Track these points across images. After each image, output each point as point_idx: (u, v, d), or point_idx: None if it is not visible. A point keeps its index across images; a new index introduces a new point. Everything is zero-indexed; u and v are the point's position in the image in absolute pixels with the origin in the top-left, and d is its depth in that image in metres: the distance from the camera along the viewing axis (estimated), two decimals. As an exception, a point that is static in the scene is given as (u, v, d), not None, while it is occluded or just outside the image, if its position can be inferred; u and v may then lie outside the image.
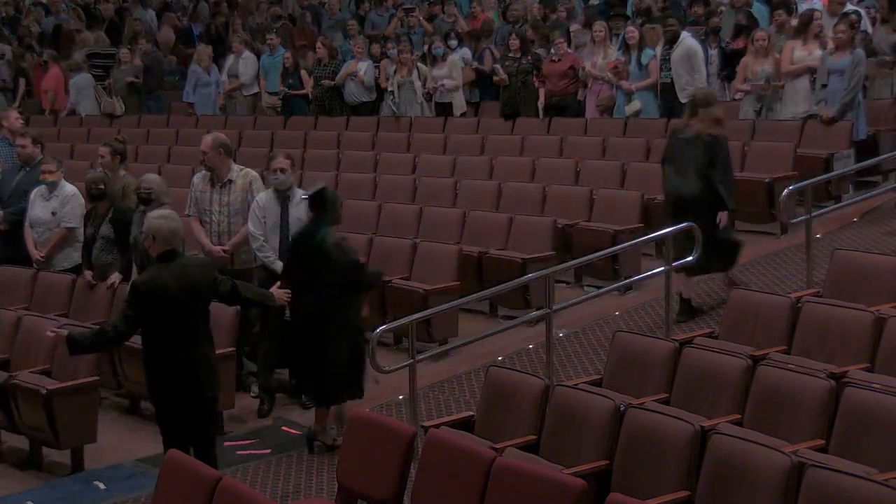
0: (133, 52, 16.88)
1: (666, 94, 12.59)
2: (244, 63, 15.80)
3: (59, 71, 16.85)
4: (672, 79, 12.44)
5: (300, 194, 8.64)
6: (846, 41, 11.10)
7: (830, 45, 11.30)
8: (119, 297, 9.09)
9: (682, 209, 8.66)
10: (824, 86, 11.31)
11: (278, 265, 8.51)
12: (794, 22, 12.38)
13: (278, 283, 7.38)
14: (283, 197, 8.63)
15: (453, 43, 14.90)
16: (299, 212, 8.57)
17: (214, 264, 7.22)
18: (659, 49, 12.65)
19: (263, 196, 8.73)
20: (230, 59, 15.94)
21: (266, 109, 15.97)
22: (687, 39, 12.50)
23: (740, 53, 12.45)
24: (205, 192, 9.04)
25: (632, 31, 13.10)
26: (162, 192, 8.90)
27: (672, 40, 12.50)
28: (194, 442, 6.67)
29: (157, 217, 6.74)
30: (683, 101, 12.34)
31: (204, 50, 16.22)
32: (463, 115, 14.32)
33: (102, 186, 9.46)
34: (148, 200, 8.89)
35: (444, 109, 14.31)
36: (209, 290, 6.67)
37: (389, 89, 14.55)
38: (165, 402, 6.64)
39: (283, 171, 8.58)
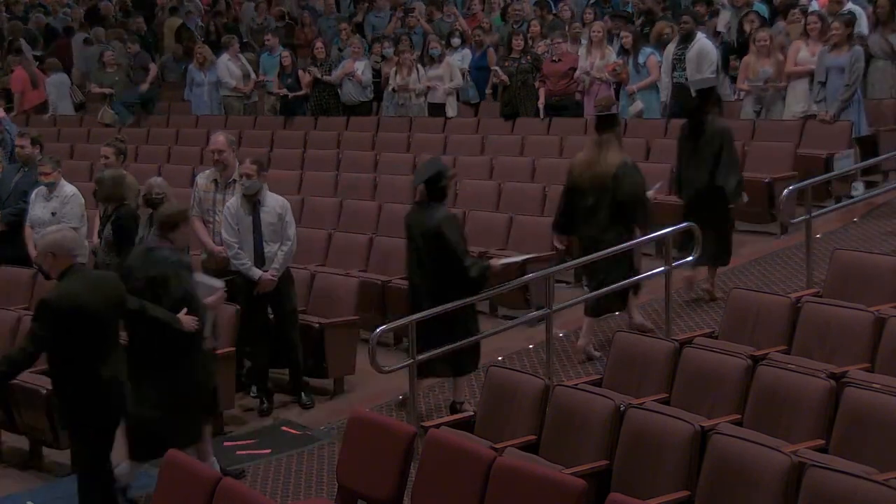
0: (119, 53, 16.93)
1: (680, 95, 12.47)
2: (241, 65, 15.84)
3: (22, 72, 16.82)
4: (686, 78, 12.36)
5: (271, 199, 8.58)
6: (842, 38, 11.13)
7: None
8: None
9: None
10: (822, 83, 11.31)
11: (255, 272, 8.47)
12: (803, 22, 12.40)
13: (185, 310, 6.96)
14: (253, 202, 8.54)
15: (456, 41, 14.90)
16: (270, 216, 8.52)
17: (119, 279, 6.76)
18: (671, 47, 12.61)
19: (234, 202, 8.63)
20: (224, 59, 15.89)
21: (266, 110, 15.97)
22: (702, 40, 12.47)
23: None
24: (208, 193, 9.04)
25: (625, 35, 13.09)
26: (170, 194, 8.89)
27: (686, 38, 12.45)
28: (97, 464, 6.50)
29: (53, 232, 6.46)
30: None
31: (201, 50, 16.20)
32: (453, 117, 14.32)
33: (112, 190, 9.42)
34: (159, 204, 8.88)
35: (437, 110, 14.31)
36: (120, 304, 6.45)
37: (392, 87, 14.54)
38: (82, 423, 6.36)
39: (248, 176, 8.50)
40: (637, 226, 8.44)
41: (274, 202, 8.58)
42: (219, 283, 7.54)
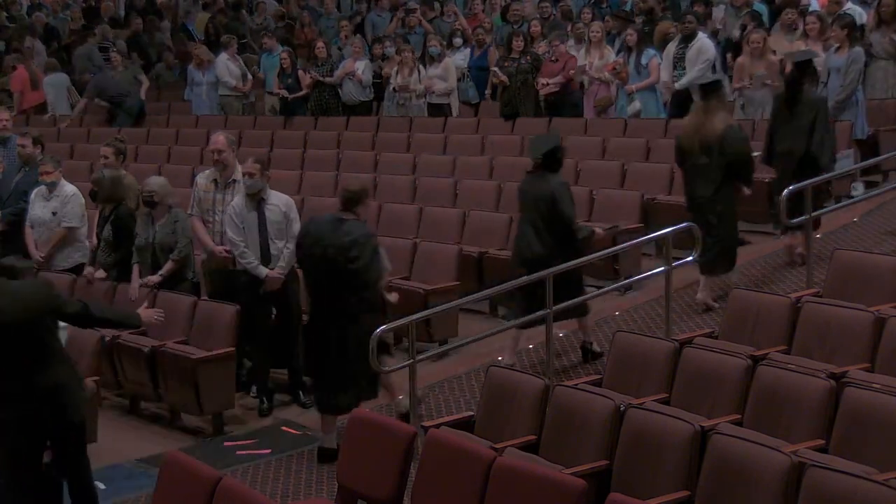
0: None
1: (679, 94, 12.50)
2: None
3: (23, 71, 16.79)
4: None
5: (275, 197, 8.61)
6: (842, 40, 11.15)
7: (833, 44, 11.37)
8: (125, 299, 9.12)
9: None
10: (825, 83, 11.34)
11: (261, 270, 8.48)
12: (802, 22, 12.40)
13: (146, 304, 7.26)
14: (257, 201, 8.56)
15: (458, 41, 14.90)
16: (275, 215, 8.53)
17: (49, 284, 6.70)
18: (672, 46, 12.60)
19: (238, 201, 8.63)
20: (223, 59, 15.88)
21: (266, 110, 15.97)
22: (703, 39, 12.47)
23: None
24: (208, 192, 9.04)
25: (630, 33, 13.08)
26: (166, 193, 8.92)
27: (688, 38, 12.44)
28: (66, 475, 6.40)
29: None
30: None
31: (197, 50, 16.20)
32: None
33: (97, 188, 9.44)
34: (152, 204, 8.91)
35: (438, 110, 14.31)
36: (46, 310, 6.25)
37: (392, 87, 14.54)
38: (23, 436, 6.20)
39: (250, 175, 8.51)
40: (742, 184, 9.06)
41: (278, 200, 8.60)
42: (388, 266, 7.98)
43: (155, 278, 8.96)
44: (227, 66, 15.66)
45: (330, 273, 7.51)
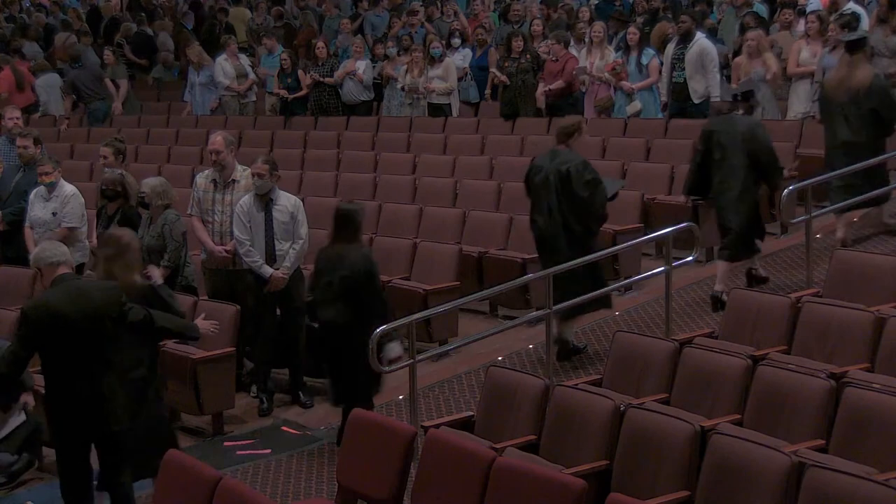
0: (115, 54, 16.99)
1: (677, 95, 12.44)
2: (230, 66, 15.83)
3: (9, 73, 16.69)
4: (685, 79, 12.33)
5: (283, 198, 8.63)
6: (837, 39, 11.16)
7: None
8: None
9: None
10: (818, 83, 11.33)
11: (266, 270, 8.49)
12: (801, 22, 12.39)
13: (203, 315, 7.20)
14: (265, 201, 8.57)
15: (456, 42, 14.90)
16: (283, 215, 8.55)
17: (120, 290, 6.52)
18: (671, 47, 12.59)
19: (246, 200, 8.64)
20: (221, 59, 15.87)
21: (266, 110, 15.97)
22: (702, 40, 12.42)
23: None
24: (208, 192, 9.03)
25: (633, 32, 13.08)
26: (155, 194, 8.88)
27: (685, 38, 12.42)
28: (104, 478, 6.40)
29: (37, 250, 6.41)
30: (696, 101, 12.31)
31: (190, 51, 16.21)
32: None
33: (120, 188, 9.41)
34: (144, 205, 8.92)
35: (438, 110, 14.30)
36: (113, 316, 6.23)
37: (401, 85, 14.54)
38: (66, 436, 6.25)
39: (260, 175, 8.53)
40: (885, 131, 9.74)
41: (286, 201, 8.61)
42: (620, 183, 8.89)
43: None
44: (221, 66, 15.65)
45: (557, 196, 8.23)
